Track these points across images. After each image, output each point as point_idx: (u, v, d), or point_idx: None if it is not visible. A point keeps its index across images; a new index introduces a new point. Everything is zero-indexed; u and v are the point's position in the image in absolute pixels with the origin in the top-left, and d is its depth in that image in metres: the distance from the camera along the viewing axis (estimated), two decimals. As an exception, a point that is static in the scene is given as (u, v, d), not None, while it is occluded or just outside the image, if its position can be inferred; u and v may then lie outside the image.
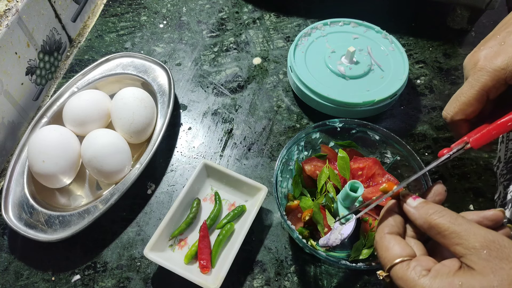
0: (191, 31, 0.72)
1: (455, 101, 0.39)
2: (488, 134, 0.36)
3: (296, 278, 0.48)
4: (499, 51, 0.36)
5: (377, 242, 0.33)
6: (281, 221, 0.52)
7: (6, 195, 0.51)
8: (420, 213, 0.32)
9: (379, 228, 0.33)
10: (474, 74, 0.37)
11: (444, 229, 0.29)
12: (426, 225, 0.31)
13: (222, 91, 0.64)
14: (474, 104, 0.38)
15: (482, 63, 0.37)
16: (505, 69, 0.35)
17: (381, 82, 0.59)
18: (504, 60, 0.35)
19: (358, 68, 0.60)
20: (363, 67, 0.60)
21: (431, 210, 0.31)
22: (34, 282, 0.49)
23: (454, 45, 0.69)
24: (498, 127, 0.35)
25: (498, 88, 0.37)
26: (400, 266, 0.30)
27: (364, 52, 0.62)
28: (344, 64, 0.60)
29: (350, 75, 0.59)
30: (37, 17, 0.62)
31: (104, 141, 0.51)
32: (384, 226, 0.33)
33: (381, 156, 0.51)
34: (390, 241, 0.32)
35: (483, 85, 0.36)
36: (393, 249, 0.31)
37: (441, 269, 0.28)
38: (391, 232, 0.33)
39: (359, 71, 0.59)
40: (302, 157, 0.51)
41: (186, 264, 0.48)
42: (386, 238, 0.32)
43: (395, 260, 0.30)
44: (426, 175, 0.45)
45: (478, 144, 0.36)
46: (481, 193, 0.54)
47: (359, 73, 0.59)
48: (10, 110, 0.58)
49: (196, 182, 0.52)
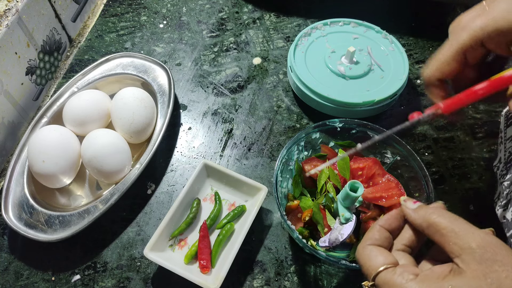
0: (191, 31, 0.72)
1: (433, 60, 0.40)
2: (458, 100, 0.37)
3: (296, 278, 0.48)
4: (481, 13, 0.37)
5: (359, 253, 0.32)
6: (281, 221, 0.52)
7: (6, 195, 0.51)
8: (419, 213, 0.32)
9: (362, 241, 0.33)
10: (455, 34, 0.38)
11: (442, 227, 0.29)
12: (425, 223, 0.31)
13: (222, 91, 0.64)
14: (451, 63, 0.38)
15: (463, 24, 0.38)
16: (483, 30, 0.36)
17: (381, 82, 0.59)
18: (483, 21, 0.36)
19: (358, 68, 0.59)
20: (363, 67, 0.60)
21: (431, 210, 0.31)
22: (34, 282, 0.49)
23: (454, 45, 0.69)
24: (468, 94, 0.37)
25: (476, 50, 0.37)
26: (386, 272, 0.29)
27: (364, 52, 0.61)
28: (344, 64, 0.60)
29: (350, 75, 0.59)
30: (37, 17, 0.62)
31: (104, 141, 0.51)
32: (367, 238, 0.33)
33: (381, 156, 0.51)
34: (373, 250, 0.32)
35: (460, 44, 0.37)
36: (376, 258, 0.31)
37: (430, 274, 0.28)
38: (373, 243, 0.32)
39: (359, 71, 0.59)
40: (302, 157, 0.51)
41: (186, 264, 0.48)
42: (368, 248, 0.32)
43: (380, 267, 0.30)
44: (426, 175, 0.45)
45: (449, 109, 0.37)
46: (481, 193, 0.54)
47: (359, 73, 0.59)
48: (10, 110, 0.58)
49: (196, 182, 0.52)
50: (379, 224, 0.34)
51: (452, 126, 0.60)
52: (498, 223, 0.51)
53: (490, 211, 0.52)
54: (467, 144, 0.58)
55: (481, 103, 0.62)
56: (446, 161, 0.57)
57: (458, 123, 0.60)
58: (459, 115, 0.39)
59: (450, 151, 0.57)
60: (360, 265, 0.32)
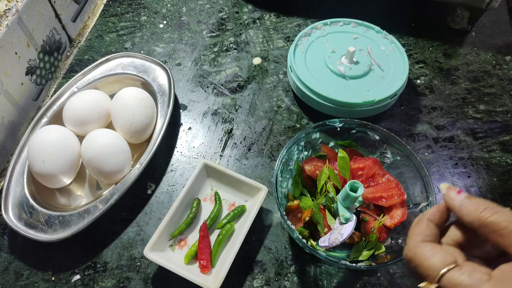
0: (191, 31, 0.71)
1: None
2: None
3: (296, 278, 0.48)
4: None
5: (412, 252, 0.29)
6: (281, 221, 0.52)
7: (6, 195, 0.51)
8: (468, 209, 0.28)
9: (409, 237, 0.30)
10: None
11: (502, 227, 0.26)
12: (478, 222, 0.28)
13: (222, 91, 0.64)
14: None
15: None
16: None
17: (381, 82, 0.59)
18: None
19: (358, 68, 0.59)
20: (363, 67, 0.59)
21: (482, 206, 0.28)
22: (34, 282, 0.49)
23: (454, 45, 0.69)
24: None
25: None
26: (453, 273, 0.26)
27: (364, 52, 0.61)
28: (344, 64, 0.60)
29: (350, 75, 0.59)
30: (37, 17, 0.62)
31: (104, 141, 0.51)
32: (417, 234, 0.30)
33: (381, 156, 0.51)
34: (429, 248, 0.28)
35: None
36: (435, 257, 0.28)
37: (503, 275, 0.26)
38: (426, 240, 0.29)
39: (359, 71, 0.59)
40: (302, 157, 0.51)
41: (186, 264, 0.48)
42: (422, 246, 0.29)
43: (443, 267, 0.27)
44: (426, 175, 0.45)
45: None
46: (481, 193, 0.54)
47: (359, 73, 0.59)
48: (10, 110, 0.58)
49: (196, 182, 0.52)
50: (428, 218, 0.30)
51: (452, 126, 0.60)
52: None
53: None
54: (467, 144, 0.58)
55: (481, 103, 0.62)
56: (446, 161, 0.57)
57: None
58: None
59: (450, 151, 0.57)
60: (415, 266, 0.29)
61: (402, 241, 0.45)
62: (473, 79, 0.65)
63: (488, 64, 0.66)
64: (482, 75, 0.65)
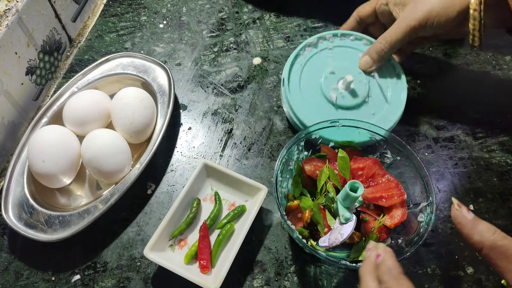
0: (191, 31, 0.72)
1: None
2: None
3: (296, 278, 0.48)
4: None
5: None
6: (281, 221, 0.52)
7: (6, 195, 0.51)
8: (481, 229, 0.29)
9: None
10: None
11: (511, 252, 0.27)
12: (489, 243, 0.28)
13: (222, 91, 0.64)
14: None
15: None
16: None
17: (370, 118, 0.53)
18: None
19: (351, 98, 0.54)
20: (358, 98, 0.54)
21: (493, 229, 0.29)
22: (34, 282, 0.49)
23: (454, 45, 0.69)
24: None
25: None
26: None
27: (363, 79, 0.55)
28: (339, 90, 0.54)
29: (341, 104, 0.54)
30: (37, 17, 0.62)
31: (104, 141, 0.51)
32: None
33: (381, 156, 0.51)
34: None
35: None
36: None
37: None
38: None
39: (351, 102, 0.54)
40: (302, 157, 0.51)
41: (186, 264, 0.48)
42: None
43: None
44: (426, 175, 0.45)
45: None
46: (482, 193, 0.54)
47: (350, 103, 0.54)
48: (10, 110, 0.58)
49: (196, 182, 0.52)
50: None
51: (452, 126, 0.60)
52: (497, 224, 0.51)
53: (490, 211, 0.53)
54: (467, 144, 0.58)
55: (481, 103, 0.62)
56: (446, 161, 0.57)
57: None
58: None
59: (450, 151, 0.57)
60: None
61: (402, 241, 0.45)
62: (473, 79, 0.65)
63: (488, 64, 0.66)
64: (482, 75, 0.65)
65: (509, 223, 0.51)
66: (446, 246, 0.50)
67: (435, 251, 0.50)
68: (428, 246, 0.50)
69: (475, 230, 0.30)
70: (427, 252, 0.50)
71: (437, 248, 0.50)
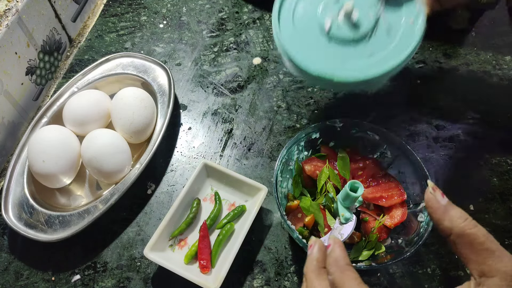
0: (191, 31, 0.71)
1: None
2: None
3: (296, 278, 0.48)
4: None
5: None
6: (281, 221, 0.52)
7: (6, 195, 0.51)
8: (452, 214, 0.28)
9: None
10: None
11: (479, 242, 0.26)
12: (458, 230, 0.27)
13: (222, 91, 0.64)
14: None
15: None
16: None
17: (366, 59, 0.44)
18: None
19: (348, 30, 0.44)
20: (356, 32, 0.44)
21: (464, 216, 0.28)
22: (34, 282, 0.49)
23: (454, 45, 0.69)
24: None
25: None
26: None
27: (372, 13, 0.44)
28: (336, 19, 0.44)
29: (334, 34, 0.44)
30: (37, 17, 0.62)
31: (104, 141, 0.51)
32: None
33: (381, 156, 0.51)
34: None
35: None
36: None
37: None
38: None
39: (347, 34, 0.44)
40: (302, 157, 0.51)
41: (186, 264, 0.48)
42: None
43: None
44: (426, 175, 0.45)
45: None
46: (482, 193, 0.54)
47: (346, 36, 0.44)
48: (10, 110, 0.58)
49: (196, 182, 0.52)
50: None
51: (452, 126, 0.60)
52: (497, 224, 0.51)
53: (490, 211, 0.53)
54: (467, 144, 0.58)
55: (481, 103, 0.62)
56: (446, 161, 0.57)
57: None
58: None
59: (450, 151, 0.57)
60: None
61: (402, 241, 0.45)
62: (473, 79, 0.65)
63: (488, 64, 0.66)
64: (482, 75, 0.65)
65: (509, 223, 0.51)
66: (446, 246, 0.50)
67: (435, 251, 0.50)
68: (428, 246, 0.50)
69: (446, 216, 0.28)
70: (427, 252, 0.50)
71: (437, 248, 0.50)
